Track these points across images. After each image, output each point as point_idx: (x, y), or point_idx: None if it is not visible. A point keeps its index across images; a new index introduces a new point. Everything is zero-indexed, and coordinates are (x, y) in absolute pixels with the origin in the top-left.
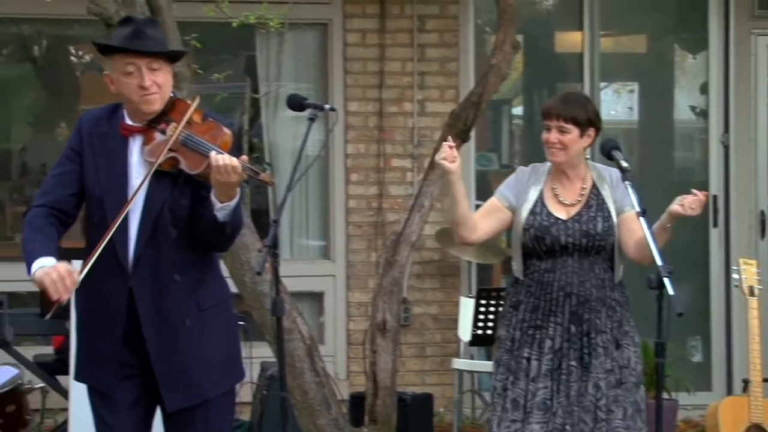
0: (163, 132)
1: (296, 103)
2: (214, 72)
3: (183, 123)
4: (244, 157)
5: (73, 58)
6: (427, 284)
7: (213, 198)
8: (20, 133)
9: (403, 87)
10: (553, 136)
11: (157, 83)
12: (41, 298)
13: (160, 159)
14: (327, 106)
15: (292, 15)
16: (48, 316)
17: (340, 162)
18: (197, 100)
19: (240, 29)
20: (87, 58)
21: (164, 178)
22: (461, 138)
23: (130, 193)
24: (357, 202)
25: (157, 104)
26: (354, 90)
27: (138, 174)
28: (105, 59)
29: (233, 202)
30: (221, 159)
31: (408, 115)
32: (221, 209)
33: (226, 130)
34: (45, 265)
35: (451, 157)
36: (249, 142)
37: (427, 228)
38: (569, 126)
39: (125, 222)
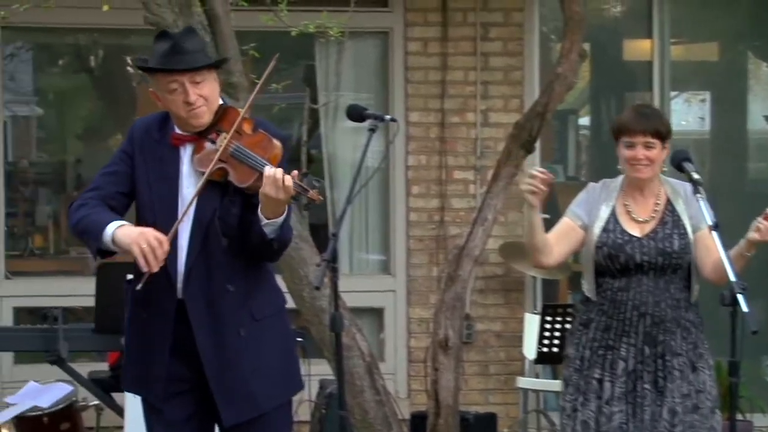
0: (213, 142)
1: (356, 114)
2: (272, 82)
3: (231, 133)
4: (295, 173)
5: (129, 68)
6: (491, 300)
7: (260, 214)
8: (75, 144)
9: (465, 97)
10: (640, 152)
11: (202, 96)
12: (96, 313)
13: (210, 169)
14: (387, 117)
15: (352, 23)
16: (140, 287)
17: (401, 174)
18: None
19: (299, 38)
20: None
21: (214, 186)
22: (526, 149)
23: (180, 201)
24: (418, 215)
25: (206, 116)
26: (415, 100)
27: (188, 183)
28: (148, 76)
29: (280, 219)
30: (274, 174)
31: (471, 126)
32: (268, 225)
33: (276, 143)
34: (124, 224)
35: (540, 186)
36: (307, 154)
37: (490, 242)
38: (654, 140)
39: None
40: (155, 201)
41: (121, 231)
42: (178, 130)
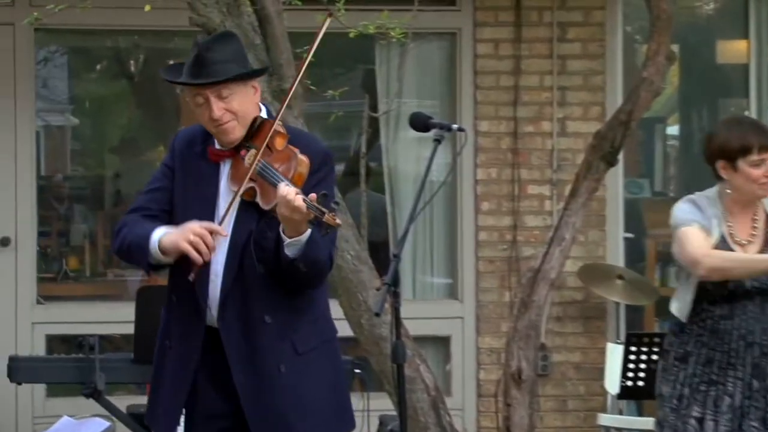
0: (243, 159)
1: (420, 123)
2: (328, 88)
3: (261, 151)
4: (313, 195)
5: None
6: (569, 328)
7: (281, 233)
8: (113, 157)
9: (541, 104)
10: None
11: (230, 111)
12: (136, 341)
13: (240, 189)
14: (455, 126)
15: (416, 24)
16: (191, 278)
17: (469, 189)
18: (277, 123)
19: (357, 40)
20: None
21: (251, 207)
22: (607, 162)
23: (216, 222)
24: (488, 235)
25: (235, 132)
26: (485, 107)
27: (225, 203)
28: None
29: (303, 237)
30: (286, 196)
31: (546, 136)
32: (290, 245)
33: (302, 159)
34: (168, 232)
35: None
36: (366, 167)
37: (568, 264)
38: None
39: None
40: (189, 221)
41: (166, 238)
42: (216, 145)
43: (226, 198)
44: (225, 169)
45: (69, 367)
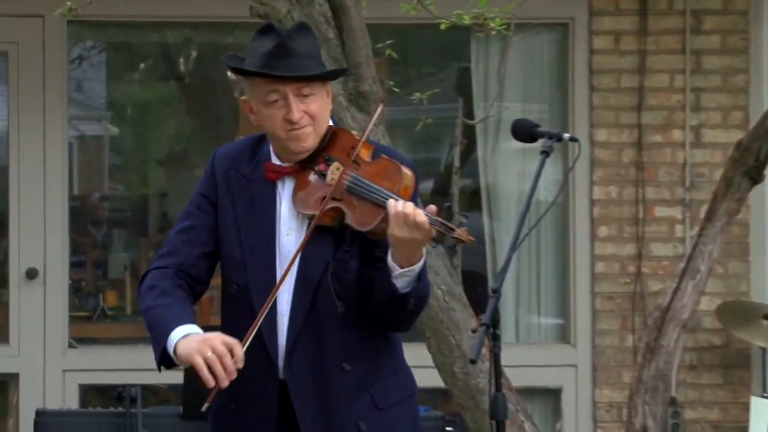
0: (322, 174)
1: (524, 131)
2: (415, 90)
3: (351, 162)
4: (432, 207)
5: (229, 74)
6: (705, 379)
7: (391, 262)
8: (160, 173)
9: (670, 108)
10: None
11: (309, 113)
12: (185, 391)
13: (321, 213)
14: (566, 135)
15: (520, 13)
16: (205, 408)
17: (584, 211)
18: (370, 129)
19: (450, 33)
20: None
21: (325, 233)
22: (752, 178)
23: (278, 254)
24: (607, 266)
25: (310, 140)
26: (603, 113)
27: (288, 228)
28: (243, 80)
29: (418, 266)
30: (403, 210)
31: (678, 147)
32: (402, 276)
33: (407, 171)
34: (190, 333)
35: None
36: (460, 184)
37: (704, 301)
38: None
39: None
40: (248, 258)
41: (183, 343)
42: (274, 159)
43: (289, 223)
44: (285, 190)
45: (106, 422)
